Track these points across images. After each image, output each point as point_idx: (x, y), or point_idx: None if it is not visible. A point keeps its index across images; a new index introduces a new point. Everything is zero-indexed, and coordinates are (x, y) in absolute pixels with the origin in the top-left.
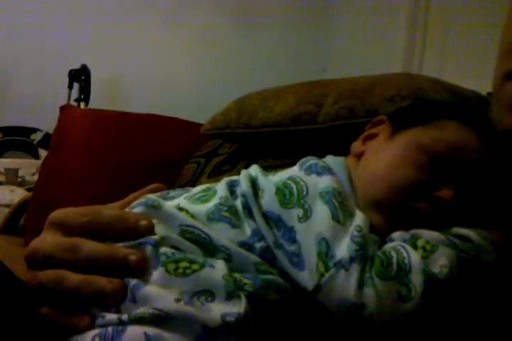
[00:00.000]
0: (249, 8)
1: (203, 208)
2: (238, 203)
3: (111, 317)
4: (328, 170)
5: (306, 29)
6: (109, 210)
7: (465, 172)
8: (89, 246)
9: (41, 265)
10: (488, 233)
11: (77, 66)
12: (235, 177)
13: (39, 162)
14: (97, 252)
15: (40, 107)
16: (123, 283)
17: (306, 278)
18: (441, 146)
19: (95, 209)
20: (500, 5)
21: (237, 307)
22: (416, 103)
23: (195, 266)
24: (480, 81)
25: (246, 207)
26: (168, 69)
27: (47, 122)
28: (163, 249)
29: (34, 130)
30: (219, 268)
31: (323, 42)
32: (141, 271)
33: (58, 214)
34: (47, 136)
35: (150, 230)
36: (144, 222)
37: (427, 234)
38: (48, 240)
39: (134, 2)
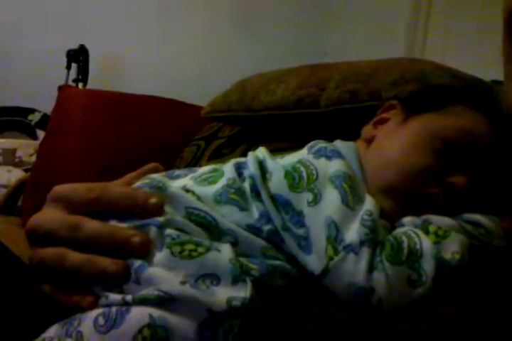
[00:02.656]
0: None
1: (210, 190)
2: (246, 185)
3: (115, 297)
4: (338, 154)
5: (308, 12)
6: (117, 187)
7: (478, 159)
8: (91, 226)
9: (42, 241)
10: (500, 220)
11: (75, 46)
12: (242, 159)
13: (37, 143)
14: (98, 233)
15: (38, 88)
16: (126, 264)
17: (314, 261)
18: (456, 133)
19: (103, 186)
20: None
21: (243, 292)
22: (427, 88)
23: (200, 249)
24: (484, 66)
25: (254, 189)
26: (168, 49)
27: (45, 103)
28: (168, 231)
29: (32, 110)
30: (225, 251)
31: (325, 26)
32: (144, 253)
33: (62, 188)
34: (45, 116)
35: (159, 209)
36: (153, 200)
37: (439, 220)
38: (49, 216)
39: None
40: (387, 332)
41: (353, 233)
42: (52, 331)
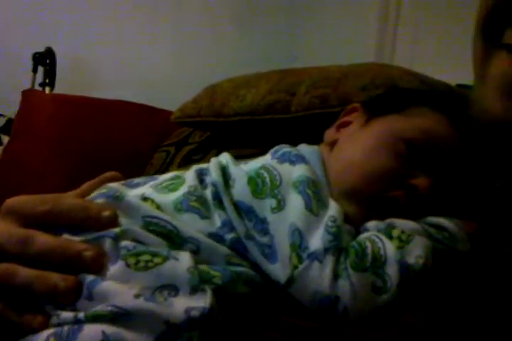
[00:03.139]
0: None
1: (170, 197)
2: (208, 192)
3: (66, 315)
4: (301, 159)
5: (277, 17)
6: (69, 199)
7: (440, 160)
8: (42, 240)
9: None
10: (463, 223)
11: (41, 49)
12: (204, 165)
13: (1, 148)
14: (50, 247)
15: (3, 92)
16: (78, 280)
17: (279, 270)
18: (417, 134)
19: (55, 198)
20: None
21: (202, 302)
22: (390, 91)
23: (157, 259)
24: (451, 71)
25: (216, 196)
26: (138, 53)
27: (10, 107)
28: (124, 243)
29: None
30: (183, 260)
31: (295, 31)
32: (98, 267)
33: (15, 201)
34: (9, 121)
35: (113, 221)
36: (106, 213)
37: (403, 224)
38: (1, 230)
39: None
40: None
41: (317, 240)
42: None
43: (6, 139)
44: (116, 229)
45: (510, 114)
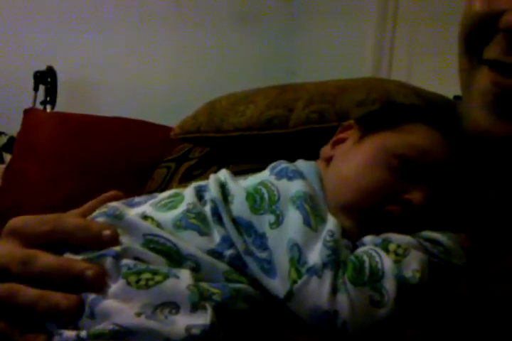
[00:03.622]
0: (213, 10)
1: (169, 215)
2: (207, 209)
3: (69, 334)
4: (299, 174)
5: (275, 32)
6: (71, 219)
7: (434, 175)
8: (44, 260)
9: None
10: (458, 237)
11: (42, 68)
12: (203, 182)
13: (3, 166)
14: (52, 266)
15: (5, 110)
16: (79, 299)
17: (278, 285)
18: (410, 150)
19: (56, 218)
20: None
21: (202, 319)
22: (384, 107)
23: (158, 277)
24: (447, 83)
25: (215, 213)
26: (138, 71)
27: (12, 125)
28: (124, 261)
29: None
30: (184, 278)
31: (293, 46)
32: (99, 286)
33: (17, 221)
34: (11, 139)
35: (114, 240)
36: (107, 232)
37: (398, 238)
38: (4, 250)
39: (102, 2)
40: None
41: (315, 255)
42: None
43: (8, 157)
44: (117, 248)
45: (494, 127)
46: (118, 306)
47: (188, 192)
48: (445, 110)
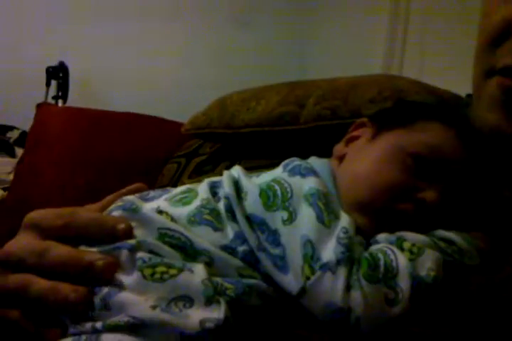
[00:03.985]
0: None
1: (184, 210)
2: (221, 205)
3: (85, 325)
4: (312, 172)
5: (286, 28)
6: (86, 213)
7: (448, 173)
8: (57, 251)
9: (14, 269)
10: (472, 238)
11: (54, 63)
12: (216, 179)
13: (15, 161)
14: (63, 257)
15: (17, 105)
16: (88, 292)
17: (291, 281)
18: (425, 148)
19: (72, 212)
20: (480, 6)
21: (216, 313)
22: (397, 104)
23: (172, 271)
24: (459, 81)
25: (229, 209)
26: (149, 67)
27: (24, 120)
28: (139, 254)
29: (10, 128)
30: (198, 272)
31: (303, 43)
32: (109, 276)
33: (35, 215)
34: (23, 134)
35: (128, 234)
36: (121, 226)
37: (413, 237)
38: (21, 243)
39: None
40: None
41: (329, 251)
42: None
43: (20, 152)
44: (132, 241)
45: (504, 125)
46: (133, 299)
47: (202, 188)
48: (458, 107)
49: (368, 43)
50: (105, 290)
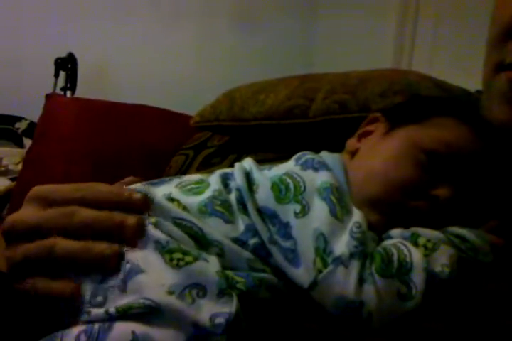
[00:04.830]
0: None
1: (195, 200)
2: (232, 197)
3: (97, 312)
4: (324, 166)
5: (293, 23)
6: (101, 185)
7: (462, 170)
8: (85, 213)
9: (23, 238)
10: (486, 234)
11: (63, 54)
12: (228, 170)
13: (23, 151)
14: (92, 218)
15: (26, 96)
16: (122, 250)
17: (302, 274)
18: (438, 145)
19: (88, 185)
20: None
21: (227, 307)
22: (411, 99)
23: (188, 258)
24: (469, 77)
25: (240, 201)
26: (158, 58)
27: (32, 111)
28: (158, 234)
29: (19, 118)
30: (213, 263)
31: (311, 37)
32: (139, 236)
33: (42, 188)
34: (32, 124)
35: (146, 205)
36: (137, 195)
37: (427, 233)
38: (29, 213)
39: None
40: None
41: (342, 245)
42: None
43: (28, 142)
44: (152, 219)
45: (511, 120)
46: (151, 281)
47: (214, 179)
48: (471, 103)
49: (378, 38)
50: (128, 266)
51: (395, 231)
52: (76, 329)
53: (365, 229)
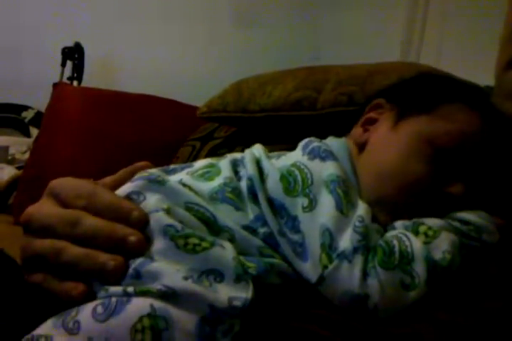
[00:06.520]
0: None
1: (206, 186)
2: (243, 185)
3: (116, 289)
4: (331, 155)
5: (300, 18)
6: (105, 194)
7: (474, 165)
8: (90, 222)
9: (38, 233)
10: (489, 215)
11: (70, 44)
12: (238, 156)
13: (30, 140)
14: (97, 228)
15: (33, 85)
16: (125, 261)
17: (310, 269)
18: (451, 139)
19: (91, 193)
20: None
21: (244, 292)
22: (417, 82)
23: (205, 244)
24: (477, 74)
25: (251, 191)
26: (165, 49)
27: (39, 100)
28: (171, 221)
29: (26, 108)
30: (229, 249)
31: (317, 30)
32: (141, 251)
33: (56, 184)
34: (38, 114)
35: (141, 220)
36: (136, 213)
37: (429, 221)
38: (46, 209)
39: None
40: (386, 335)
41: (346, 240)
42: (47, 324)
43: (34, 132)
44: (164, 205)
45: None
46: (166, 268)
47: (224, 165)
48: (481, 92)
49: (385, 33)
50: (138, 260)
51: (399, 223)
52: (93, 303)
53: (368, 222)
